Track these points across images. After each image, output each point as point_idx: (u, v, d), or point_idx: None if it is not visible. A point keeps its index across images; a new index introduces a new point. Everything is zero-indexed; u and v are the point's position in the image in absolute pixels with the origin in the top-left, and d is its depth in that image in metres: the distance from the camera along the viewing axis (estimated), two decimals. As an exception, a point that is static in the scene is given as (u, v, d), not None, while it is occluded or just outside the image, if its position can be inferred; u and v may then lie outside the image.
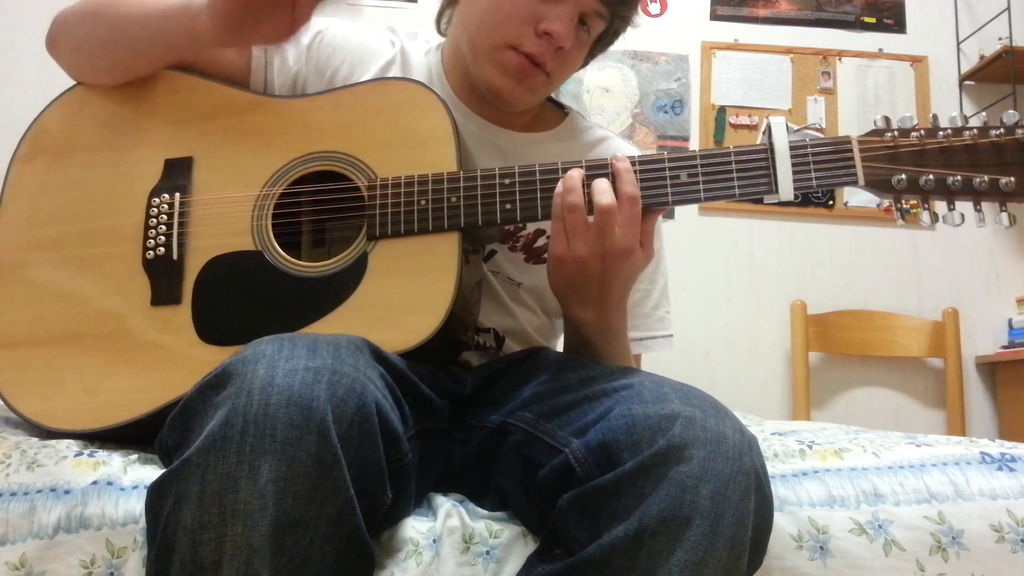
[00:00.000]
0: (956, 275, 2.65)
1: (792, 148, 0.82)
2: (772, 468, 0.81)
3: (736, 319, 2.61)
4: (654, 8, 2.79)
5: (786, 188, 0.82)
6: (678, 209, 2.65)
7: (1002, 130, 0.80)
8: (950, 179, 0.80)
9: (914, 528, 0.76)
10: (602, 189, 0.80)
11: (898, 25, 2.80)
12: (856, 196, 2.68)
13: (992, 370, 2.61)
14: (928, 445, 0.86)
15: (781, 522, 0.75)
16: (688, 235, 2.62)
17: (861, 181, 0.82)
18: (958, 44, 2.77)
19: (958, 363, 2.51)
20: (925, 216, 0.83)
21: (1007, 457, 0.82)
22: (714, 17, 2.79)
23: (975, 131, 0.81)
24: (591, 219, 0.80)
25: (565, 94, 2.69)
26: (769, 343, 2.60)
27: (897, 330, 2.57)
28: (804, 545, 0.75)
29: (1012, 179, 0.79)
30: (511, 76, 0.93)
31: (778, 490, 0.78)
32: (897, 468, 0.81)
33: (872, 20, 2.80)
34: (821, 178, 0.82)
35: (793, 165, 0.82)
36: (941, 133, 0.82)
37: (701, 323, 2.57)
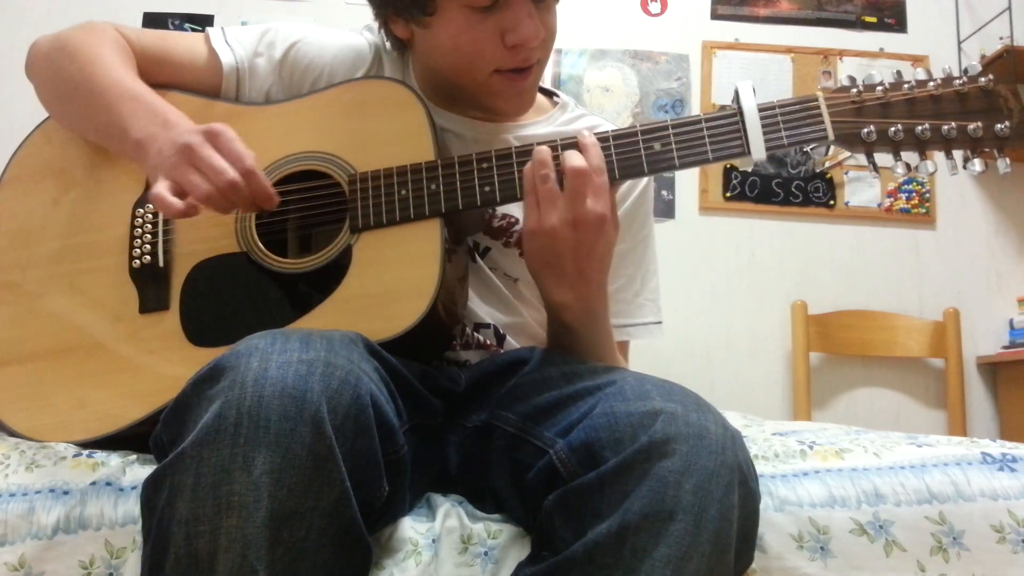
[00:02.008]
0: (957, 275, 2.65)
1: (761, 109, 0.83)
2: (773, 468, 0.81)
3: (737, 319, 2.61)
4: (654, 7, 2.79)
5: (758, 148, 0.83)
6: (678, 209, 2.65)
7: (965, 79, 0.82)
8: (919, 128, 0.82)
9: (915, 528, 0.76)
10: (572, 155, 0.80)
11: (899, 25, 2.80)
12: (857, 196, 2.67)
13: (993, 370, 2.61)
14: (929, 445, 0.85)
15: (782, 522, 0.75)
16: (688, 235, 2.62)
17: (831, 135, 0.83)
18: (959, 44, 2.77)
19: (959, 363, 2.50)
20: (900, 167, 0.84)
21: (1008, 457, 0.82)
22: (715, 16, 2.79)
23: (938, 81, 0.83)
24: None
25: (565, 93, 2.68)
26: (770, 343, 2.60)
27: (898, 330, 2.56)
28: (805, 545, 0.75)
29: (980, 124, 0.81)
30: (510, 95, 0.93)
31: (779, 490, 0.78)
32: (898, 468, 0.81)
33: (873, 19, 2.79)
34: (791, 135, 0.83)
35: (763, 125, 0.83)
36: (906, 86, 0.83)
37: (701, 323, 2.56)
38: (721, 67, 2.75)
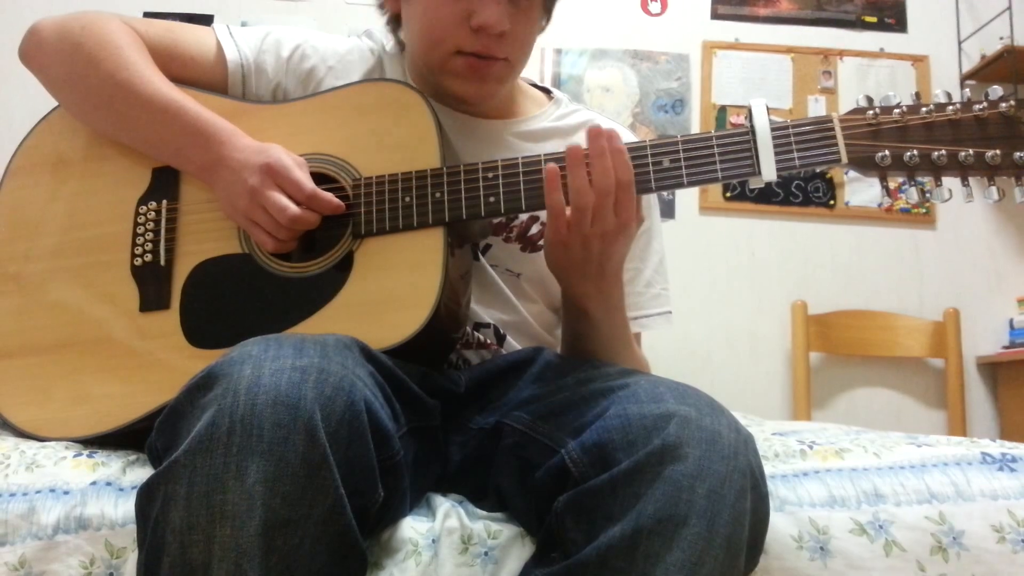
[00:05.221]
0: (957, 275, 2.65)
1: (774, 129, 0.82)
2: (773, 468, 0.81)
3: (737, 319, 2.60)
4: (655, 7, 2.79)
5: (769, 169, 0.82)
6: (678, 209, 2.65)
7: (985, 104, 0.80)
8: (935, 154, 0.80)
9: (915, 528, 0.75)
10: (605, 169, 0.80)
11: (899, 24, 2.80)
12: (857, 196, 2.67)
13: (993, 370, 2.61)
14: (929, 445, 0.85)
15: (781, 522, 0.75)
16: (688, 235, 2.62)
17: (844, 159, 0.81)
18: (959, 44, 2.76)
19: (959, 363, 2.50)
20: (913, 193, 0.82)
21: (1008, 457, 0.82)
22: (715, 16, 2.79)
23: (958, 106, 0.80)
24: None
25: (565, 93, 2.68)
26: (770, 343, 2.60)
27: (898, 330, 2.56)
28: (804, 545, 0.75)
29: (998, 151, 0.79)
30: (469, 79, 0.93)
31: (779, 490, 0.78)
32: (898, 468, 0.81)
33: (873, 19, 2.79)
34: (804, 158, 0.82)
35: (775, 146, 0.82)
36: (924, 109, 0.81)
37: (701, 323, 2.56)
38: (721, 67, 2.75)
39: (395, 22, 1.01)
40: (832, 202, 2.68)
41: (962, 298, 2.61)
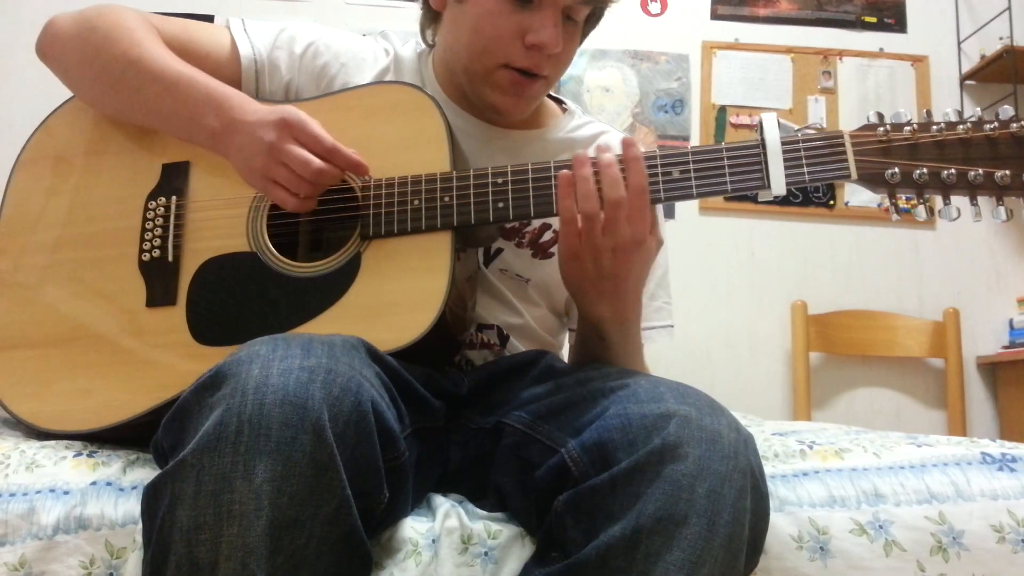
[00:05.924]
0: (957, 275, 2.65)
1: (784, 143, 0.82)
2: (772, 468, 0.81)
3: (737, 319, 2.61)
4: (654, 7, 2.79)
5: (778, 183, 0.82)
6: (678, 208, 2.65)
7: (996, 124, 0.80)
8: (944, 173, 0.80)
9: (915, 528, 0.76)
10: (613, 179, 0.79)
11: (899, 25, 2.80)
12: (857, 196, 2.67)
13: (993, 370, 2.61)
14: (929, 445, 0.85)
15: (781, 522, 0.75)
16: (688, 235, 2.62)
17: (854, 175, 0.82)
18: (959, 44, 2.77)
19: (959, 363, 2.50)
20: (921, 211, 0.83)
21: (1008, 457, 0.82)
22: (714, 16, 2.79)
23: (969, 125, 0.81)
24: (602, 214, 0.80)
25: (565, 93, 2.68)
26: (770, 343, 2.60)
27: (898, 330, 2.56)
28: (804, 545, 0.75)
29: (1008, 172, 0.79)
30: (510, 93, 0.93)
31: (778, 490, 0.78)
32: (898, 468, 0.81)
33: (873, 20, 2.79)
34: (813, 172, 0.82)
35: (785, 160, 0.82)
36: (935, 127, 0.81)
37: (701, 323, 2.56)
38: (721, 67, 2.75)
39: (433, 18, 1.00)
40: (832, 202, 2.68)
41: (962, 298, 2.61)
